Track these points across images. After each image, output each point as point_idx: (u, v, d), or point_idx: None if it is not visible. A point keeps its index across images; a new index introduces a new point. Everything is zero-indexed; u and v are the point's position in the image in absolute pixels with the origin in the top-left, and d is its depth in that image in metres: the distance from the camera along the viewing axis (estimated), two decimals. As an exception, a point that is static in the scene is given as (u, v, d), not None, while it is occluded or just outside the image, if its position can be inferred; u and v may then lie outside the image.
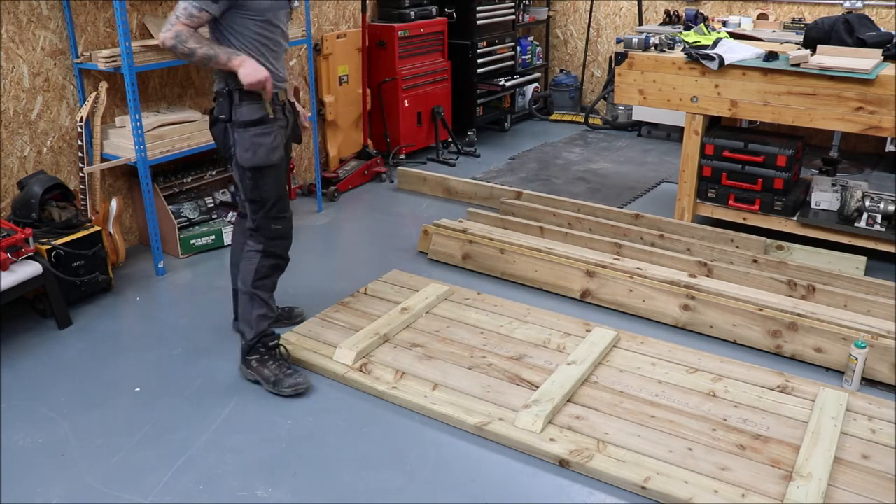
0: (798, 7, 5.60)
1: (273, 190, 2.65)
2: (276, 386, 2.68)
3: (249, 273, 2.71)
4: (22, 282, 2.99)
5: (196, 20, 2.41)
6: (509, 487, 2.27)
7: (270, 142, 2.59)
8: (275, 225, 2.69)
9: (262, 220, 2.67)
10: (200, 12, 2.41)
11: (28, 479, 2.30)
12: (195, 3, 2.40)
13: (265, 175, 2.62)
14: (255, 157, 2.57)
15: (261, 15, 2.51)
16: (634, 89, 3.98)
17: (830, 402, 2.53)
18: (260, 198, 2.64)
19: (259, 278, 2.71)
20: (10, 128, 3.42)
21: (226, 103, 2.57)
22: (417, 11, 5.35)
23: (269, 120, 2.59)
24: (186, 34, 2.40)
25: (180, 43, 2.40)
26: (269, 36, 2.56)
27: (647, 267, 3.38)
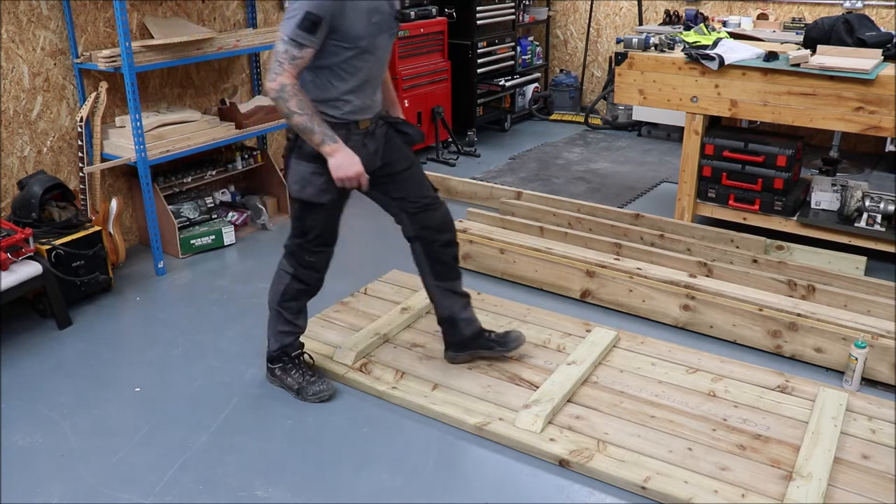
0: (798, 7, 5.60)
1: (317, 227, 2.51)
2: (301, 394, 2.66)
3: (277, 292, 2.62)
4: (22, 282, 2.99)
5: (301, 62, 2.20)
6: (509, 487, 2.27)
7: (322, 182, 2.39)
8: (309, 257, 2.56)
9: (298, 247, 2.56)
10: (303, 51, 2.18)
11: (28, 479, 2.30)
12: (296, 41, 2.16)
13: (313, 211, 2.47)
14: (303, 192, 2.42)
15: (353, 42, 2.26)
16: (634, 89, 3.98)
17: (830, 402, 2.53)
18: (302, 229, 2.52)
19: (286, 299, 2.62)
20: (10, 128, 3.42)
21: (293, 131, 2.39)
22: (417, 11, 5.35)
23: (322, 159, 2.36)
24: (291, 91, 2.20)
25: (282, 100, 2.21)
26: (359, 65, 2.31)
27: (647, 267, 3.38)
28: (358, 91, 2.36)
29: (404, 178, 2.58)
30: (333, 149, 2.28)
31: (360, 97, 2.38)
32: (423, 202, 2.59)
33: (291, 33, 2.16)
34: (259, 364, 2.91)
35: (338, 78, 2.31)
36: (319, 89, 2.33)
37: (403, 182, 2.58)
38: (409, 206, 2.59)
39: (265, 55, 4.54)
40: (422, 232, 2.61)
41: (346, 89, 2.33)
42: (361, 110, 2.40)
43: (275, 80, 2.19)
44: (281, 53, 2.18)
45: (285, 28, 2.18)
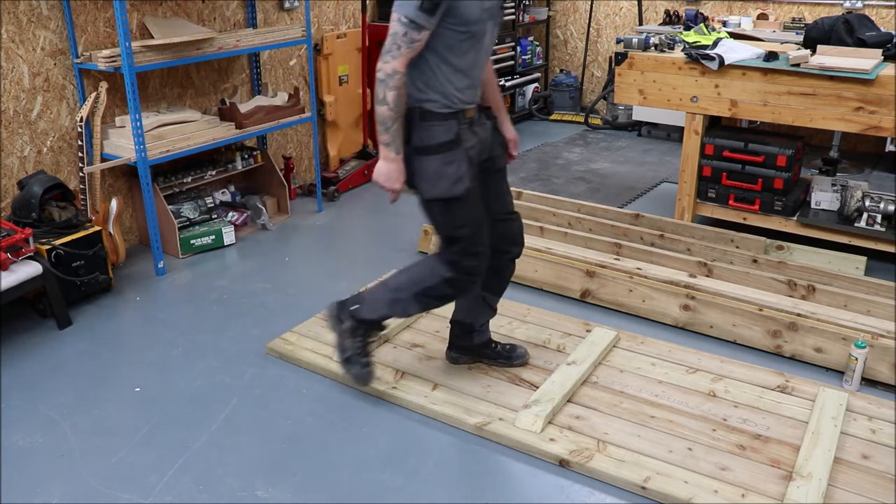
0: (798, 7, 5.60)
1: (467, 223, 2.33)
2: (346, 364, 2.57)
3: (422, 283, 2.43)
4: (22, 282, 2.99)
5: (418, 45, 2.12)
6: (509, 487, 2.27)
7: (454, 171, 2.26)
8: (470, 262, 2.37)
9: (456, 255, 2.37)
10: (421, 33, 2.11)
11: (28, 479, 2.30)
12: (416, 22, 2.08)
13: (456, 207, 2.31)
14: (436, 189, 2.29)
15: (466, 26, 2.16)
16: (634, 89, 3.98)
17: (830, 402, 2.53)
18: (454, 235, 2.34)
19: (427, 296, 2.45)
20: (10, 128, 3.42)
21: (407, 123, 2.27)
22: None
23: (454, 145, 2.27)
24: (398, 81, 2.13)
25: (384, 85, 2.14)
26: (469, 52, 2.23)
27: (647, 267, 3.38)
28: (465, 78, 2.26)
29: (497, 181, 2.50)
30: (394, 158, 2.24)
31: (467, 85, 2.28)
32: (508, 209, 2.54)
33: (412, 14, 2.08)
34: (259, 364, 2.91)
35: (447, 63, 2.22)
36: (427, 75, 2.23)
37: (496, 184, 2.50)
38: (496, 212, 2.50)
39: (265, 55, 4.54)
40: (498, 241, 2.51)
41: (455, 76, 2.24)
42: (468, 100, 2.31)
43: (389, 63, 2.12)
44: (400, 36, 2.10)
45: (404, 8, 2.09)
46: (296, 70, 4.83)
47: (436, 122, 2.25)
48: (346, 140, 5.24)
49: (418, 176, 2.32)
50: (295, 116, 4.31)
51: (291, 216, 4.48)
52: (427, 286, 2.43)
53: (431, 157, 2.27)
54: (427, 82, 2.24)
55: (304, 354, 2.91)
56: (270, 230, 4.27)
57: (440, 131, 2.25)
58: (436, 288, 2.42)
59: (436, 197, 2.31)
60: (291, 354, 2.92)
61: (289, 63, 4.77)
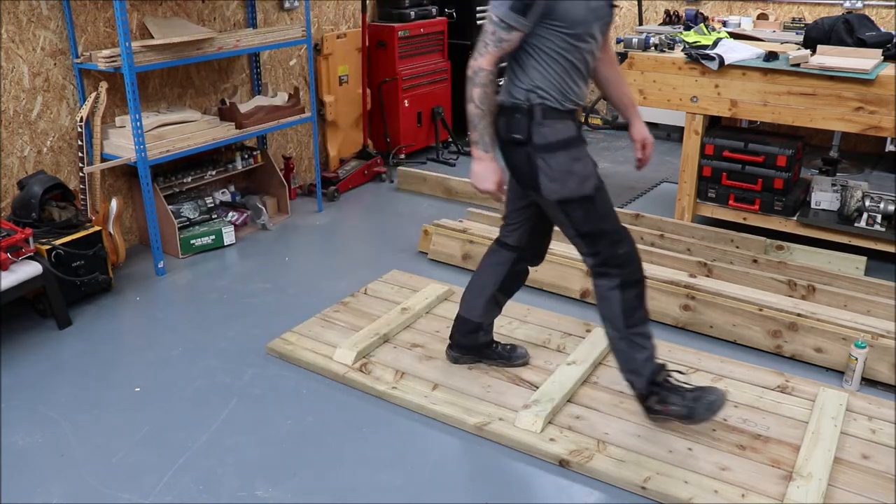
0: (798, 7, 5.60)
1: (606, 217, 2.27)
2: (693, 418, 2.33)
3: (617, 316, 2.30)
4: (22, 282, 2.99)
5: (507, 45, 2.08)
6: (509, 487, 2.27)
7: (582, 169, 2.20)
8: (620, 249, 2.27)
9: (605, 249, 2.28)
10: (511, 34, 2.06)
11: (28, 479, 2.30)
12: (506, 22, 2.05)
13: (591, 206, 2.23)
14: (565, 189, 2.20)
15: (571, 28, 2.09)
16: (634, 89, 3.97)
17: (830, 402, 2.53)
18: (596, 229, 2.27)
19: (630, 316, 2.31)
20: (10, 128, 3.42)
21: (524, 121, 2.18)
22: (417, 11, 5.35)
23: (579, 141, 2.21)
24: (484, 78, 2.10)
25: (472, 83, 2.11)
26: (575, 53, 2.15)
27: (647, 267, 3.37)
28: (578, 77, 2.20)
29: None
30: (483, 156, 2.19)
31: (579, 84, 2.21)
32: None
33: (503, 14, 2.05)
34: (259, 364, 2.91)
35: (560, 62, 2.15)
36: (544, 73, 2.16)
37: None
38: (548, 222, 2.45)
39: (265, 55, 4.54)
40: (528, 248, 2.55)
41: (569, 74, 2.17)
42: (579, 99, 2.24)
43: (476, 60, 2.10)
44: (489, 34, 2.08)
45: (497, 8, 2.07)
46: (296, 70, 4.83)
47: (558, 119, 2.18)
48: (346, 140, 5.24)
49: (544, 175, 2.20)
50: (295, 116, 4.31)
51: (291, 216, 4.48)
52: (619, 311, 2.30)
53: (558, 154, 2.18)
54: (545, 79, 2.16)
55: (304, 354, 2.91)
56: (270, 230, 4.27)
57: (563, 128, 2.18)
58: (626, 304, 2.30)
59: (566, 197, 2.22)
60: (291, 354, 2.92)
61: (289, 63, 4.77)
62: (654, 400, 2.38)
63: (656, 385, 2.36)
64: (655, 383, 2.35)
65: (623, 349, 2.35)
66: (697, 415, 2.31)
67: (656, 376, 2.35)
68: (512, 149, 2.24)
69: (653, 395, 2.37)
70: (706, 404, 2.29)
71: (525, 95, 2.17)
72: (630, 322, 2.30)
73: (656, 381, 2.35)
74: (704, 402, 2.30)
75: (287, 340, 3.01)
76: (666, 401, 2.35)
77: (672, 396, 2.34)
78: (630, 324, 2.31)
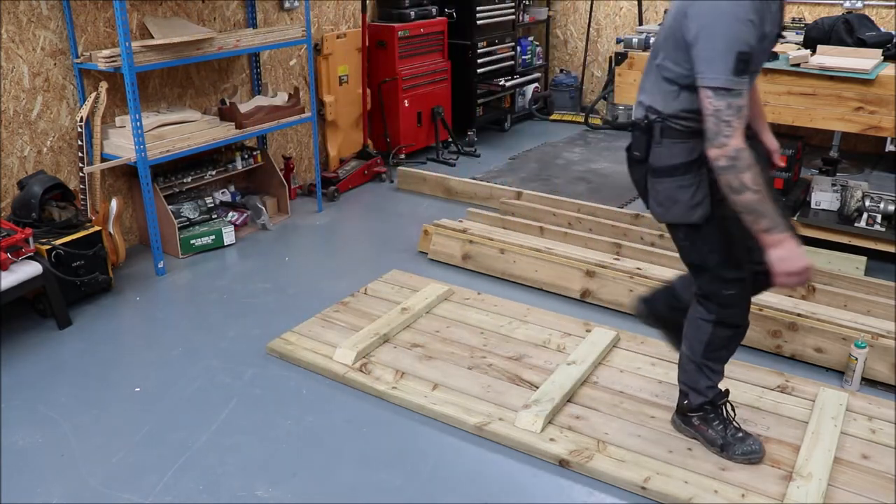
0: (798, 7, 5.60)
1: (714, 250, 2.09)
2: (725, 451, 2.29)
3: (699, 344, 2.22)
4: (22, 282, 2.99)
5: (745, 111, 1.85)
6: (509, 487, 2.27)
7: (689, 198, 2.04)
8: (726, 290, 2.12)
9: (708, 285, 2.16)
10: (742, 97, 1.82)
11: (28, 479, 2.30)
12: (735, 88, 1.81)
13: (699, 234, 2.09)
14: (668, 214, 2.10)
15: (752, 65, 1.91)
16: (634, 89, 3.95)
17: (830, 402, 2.53)
18: (700, 262, 2.15)
19: (713, 350, 2.22)
20: (10, 128, 3.42)
21: (643, 138, 2.08)
22: (417, 11, 5.35)
23: (693, 167, 2.03)
24: (748, 159, 1.82)
25: (736, 170, 1.82)
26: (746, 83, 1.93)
27: (648, 267, 3.38)
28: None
29: None
30: (782, 238, 1.86)
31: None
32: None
33: (727, 82, 1.80)
34: (259, 364, 2.91)
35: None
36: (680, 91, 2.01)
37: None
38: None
39: (265, 55, 4.54)
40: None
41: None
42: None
43: (727, 145, 1.81)
44: (724, 111, 1.81)
45: (713, 80, 1.82)
46: (296, 70, 4.83)
47: (678, 140, 2.03)
48: (346, 140, 5.24)
49: (651, 196, 2.14)
50: (295, 116, 4.31)
51: (291, 216, 4.48)
52: (705, 342, 2.21)
53: (663, 180, 2.07)
54: (678, 97, 2.01)
55: (304, 354, 2.91)
56: (270, 230, 4.27)
57: (681, 150, 2.03)
58: (713, 338, 2.20)
59: (672, 222, 2.13)
60: (291, 354, 2.92)
61: (289, 63, 4.77)
62: (697, 416, 2.35)
63: (710, 405, 2.32)
64: (711, 402, 2.31)
65: (689, 370, 2.30)
66: (731, 453, 2.28)
67: (716, 399, 2.31)
68: (633, 164, 2.17)
69: (699, 412, 2.34)
70: (745, 451, 2.27)
71: (645, 108, 2.08)
72: (708, 355, 2.24)
73: (713, 401, 2.31)
74: (744, 447, 2.28)
75: (287, 340, 3.01)
76: (708, 423, 2.33)
77: (716, 423, 2.31)
78: (708, 356, 2.24)
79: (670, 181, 2.06)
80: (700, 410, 2.34)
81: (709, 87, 1.84)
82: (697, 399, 2.32)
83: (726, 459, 2.29)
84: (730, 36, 1.81)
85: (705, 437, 2.34)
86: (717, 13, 1.83)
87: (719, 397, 2.33)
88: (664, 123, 2.04)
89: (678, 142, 2.04)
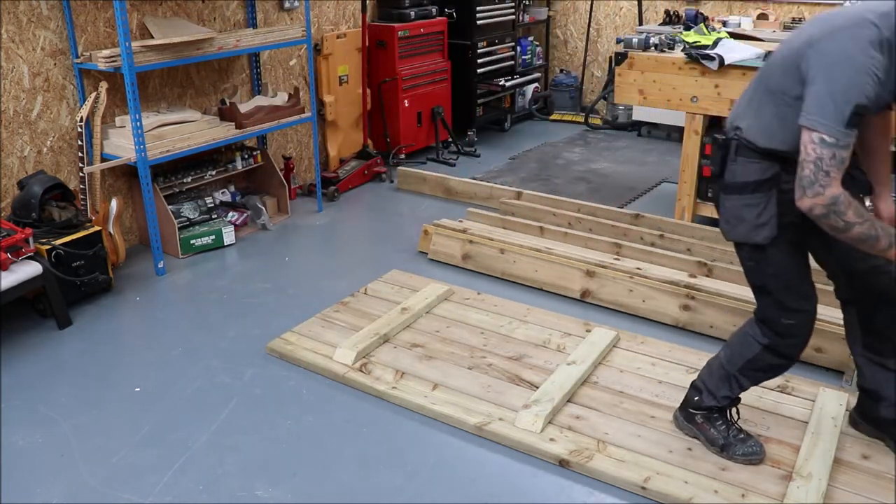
0: (798, 7, 5.60)
1: (778, 275, 2.07)
2: (726, 451, 2.29)
3: (740, 358, 2.21)
4: (22, 282, 2.99)
5: (847, 162, 1.79)
6: (509, 487, 2.27)
7: (755, 217, 2.02)
8: (786, 319, 2.09)
9: (769, 309, 2.12)
10: (849, 149, 1.77)
11: (28, 479, 2.30)
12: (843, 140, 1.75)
13: (763, 255, 2.06)
14: (733, 232, 2.09)
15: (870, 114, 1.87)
16: (634, 89, 3.98)
17: (830, 402, 2.53)
18: (762, 283, 2.12)
19: (751, 369, 2.21)
20: (10, 128, 3.42)
21: (719, 154, 2.07)
22: (417, 11, 5.36)
23: (763, 187, 2.01)
24: (845, 201, 1.77)
25: (837, 214, 1.78)
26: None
27: (647, 267, 3.38)
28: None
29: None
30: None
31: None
32: (870, 263, 2.08)
33: (839, 134, 1.75)
34: (259, 364, 2.91)
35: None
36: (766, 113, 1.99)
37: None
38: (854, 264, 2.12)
39: (265, 55, 4.54)
40: (863, 296, 2.19)
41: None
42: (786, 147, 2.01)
43: (823, 194, 1.77)
44: (827, 160, 1.76)
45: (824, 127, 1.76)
46: (296, 70, 4.83)
47: (753, 160, 2.01)
48: (346, 140, 5.24)
49: (720, 213, 2.13)
50: (295, 116, 4.31)
51: (291, 216, 4.48)
52: (748, 358, 2.20)
53: (731, 197, 2.07)
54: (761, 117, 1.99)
55: (304, 354, 2.91)
56: (270, 230, 4.27)
57: (755, 169, 2.01)
58: (757, 359, 2.18)
59: (737, 240, 2.11)
60: (291, 354, 2.92)
61: (289, 63, 4.77)
62: (702, 414, 2.35)
63: (717, 409, 2.33)
64: (718, 409, 2.33)
65: (716, 375, 2.29)
66: (731, 453, 2.29)
67: (726, 405, 2.32)
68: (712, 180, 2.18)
69: (704, 412, 2.34)
70: (746, 451, 2.27)
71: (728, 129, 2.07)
72: (745, 372, 2.22)
73: (720, 407, 2.32)
74: (745, 448, 2.28)
75: (287, 340, 3.01)
76: (711, 422, 2.33)
77: (719, 423, 2.32)
78: (744, 372, 2.23)
79: (738, 198, 2.05)
80: (706, 410, 2.35)
81: (815, 132, 1.78)
82: (709, 402, 2.32)
83: (726, 459, 2.29)
84: (852, 85, 1.75)
85: (706, 436, 2.34)
86: (845, 58, 1.77)
87: (731, 405, 2.33)
88: (741, 141, 2.02)
89: (753, 161, 2.02)
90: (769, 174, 2.01)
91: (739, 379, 2.25)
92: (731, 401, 2.32)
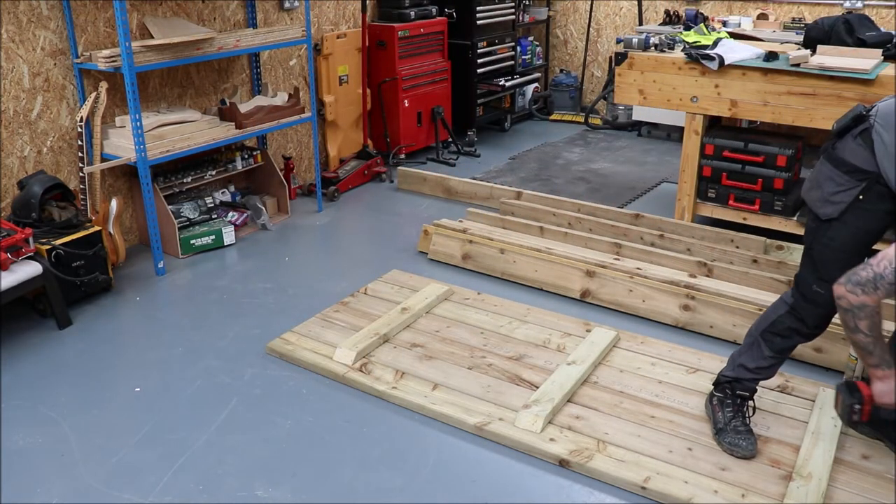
0: (798, 7, 5.60)
1: (826, 248, 2.15)
2: (720, 434, 2.38)
3: (766, 319, 2.35)
4: (22, 282, 2.99)
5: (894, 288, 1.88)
6: (509, 487, 2.27)
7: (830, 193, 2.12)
8: (817, 287, 2.19)
9: (806, 269, 2.24)
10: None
11: (28, 479, 2.30)
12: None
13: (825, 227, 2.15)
14: (807, 194, 2.21)
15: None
16: (634, 89, 3.98)
17: (830, 403, 2.53)
18: (810, 245, 2.22)
19: (771, 330, 2.32)
20: (10, 128, 3.42)
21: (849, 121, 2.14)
22: (417, 11, 5.35)
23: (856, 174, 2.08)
24: (870, 312, 1.91)
25: (854, 316, 1.93)
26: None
27: (647, 267, 3.38)
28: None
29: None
30: (886, 374, 2.01)
31: None
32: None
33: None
34: (259, 364, 2.91)
35: None
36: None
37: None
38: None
39: (265, 55, 4.54)
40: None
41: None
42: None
43: (859, 296, 1.90)
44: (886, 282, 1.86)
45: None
46: (296, 70, 4.83)
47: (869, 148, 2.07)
48: (346, 140, 5.24)
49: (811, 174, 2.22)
50: (295, 116, 4.31)
51: (291, 216, 4.48)
52: (772, 320, 2.33)
53: (827, 164, 2.15)
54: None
55: (304, 354, 2.91)
56: (270, 230, 4.27)
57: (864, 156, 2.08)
58: (779, 321, 2.31)
59: (807, 202, 2.21)
60: (291, 354, 2.92)
61: (289, 63, 4.77)
62: (717, 397, 2.45)
63: (732, 392, 2.40)
64: (734, 390, 2.40)
65: (746, 342, 2.40)
66: (721, 438, 2.37)
67: (741, 387, 2.39)
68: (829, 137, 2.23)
69: (722, 391, 2.44)
70: (731, 441, 2.34)
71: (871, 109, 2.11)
72: (765, 334, 2.33)
73: (735, 390, 2.40)
74: (734, 439, 2.34)
75: (287, 340, 3.01)
76: (722, 406, 2.43)
77: (728, 409, 2.41)
78: (764, 334, 2.33)
79: (830, 169, 2.13)
80: (723, 392, 2.42)
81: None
82: (729, 371, 2.41)
83: (716, 444, 2.37)
84: None
85: (714, 417, 2.44)
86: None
87: (746, 388, 2.39)
88: (871, 127, 2.07)
89: (868, 148, 2.07)
90: (869, 167, 2.07)
91: (760, 344, 2.34)
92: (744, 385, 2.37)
